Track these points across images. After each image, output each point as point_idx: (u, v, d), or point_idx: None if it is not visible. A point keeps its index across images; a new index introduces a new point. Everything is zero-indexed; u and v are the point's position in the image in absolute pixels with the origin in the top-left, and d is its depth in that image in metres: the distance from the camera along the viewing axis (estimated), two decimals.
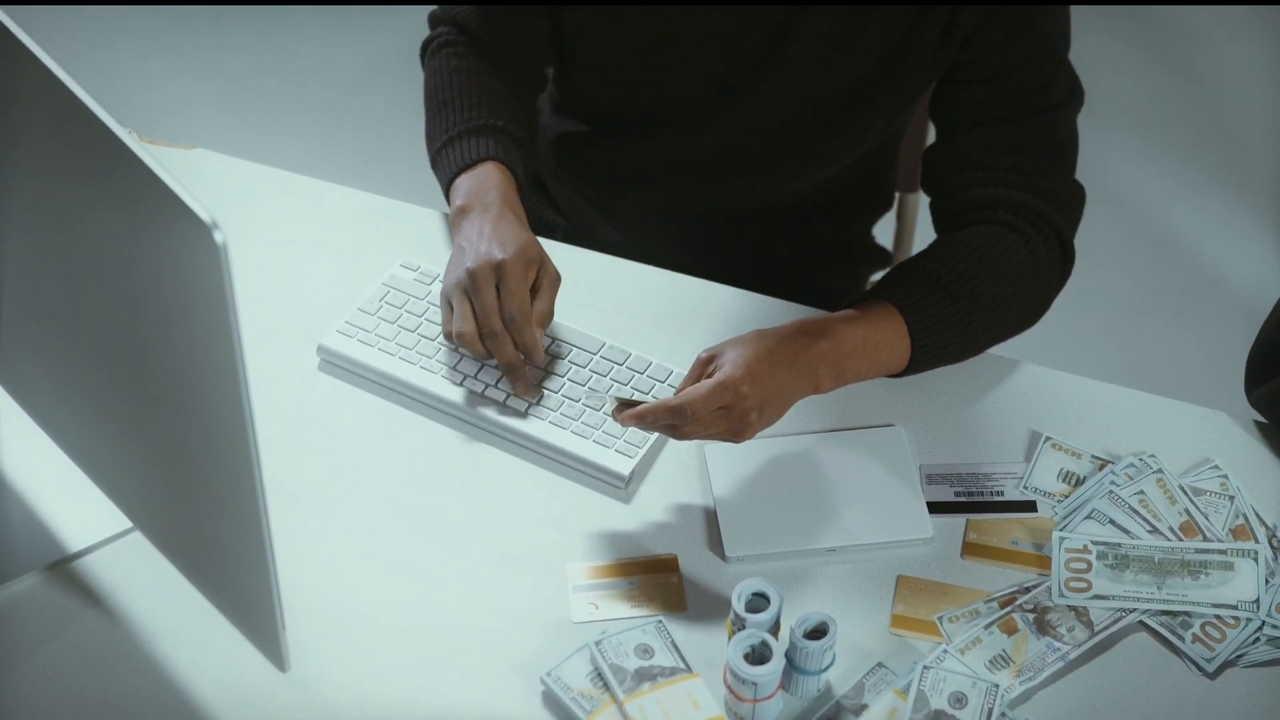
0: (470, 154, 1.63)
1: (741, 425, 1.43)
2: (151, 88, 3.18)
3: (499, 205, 1.58)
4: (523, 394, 1.54)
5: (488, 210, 1.58)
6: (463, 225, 1.58)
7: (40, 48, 1.10)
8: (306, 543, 1.46)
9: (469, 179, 1.62)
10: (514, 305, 1.52)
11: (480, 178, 1.61)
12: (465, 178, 1.62)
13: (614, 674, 1.36)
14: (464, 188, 1.61)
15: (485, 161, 1.63)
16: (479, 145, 1.64)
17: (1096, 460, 1.53)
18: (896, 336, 1.53)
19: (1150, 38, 3.35)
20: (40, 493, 1.49)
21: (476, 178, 1.61)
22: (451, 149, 1.64)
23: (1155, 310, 2.91)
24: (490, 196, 1.59)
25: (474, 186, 1.60)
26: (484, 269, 1.52)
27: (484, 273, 1.52)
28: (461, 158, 1.63)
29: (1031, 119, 1.61)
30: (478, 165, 1.62)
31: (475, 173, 1.62)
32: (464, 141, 1.64)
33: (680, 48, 1.67)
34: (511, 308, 1.52)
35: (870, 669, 1.39)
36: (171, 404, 1.18)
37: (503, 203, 1.59)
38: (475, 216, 1.57)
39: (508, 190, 1.61)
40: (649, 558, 1.47)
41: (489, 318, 1.51)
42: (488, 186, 1.60)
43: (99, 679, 1.37)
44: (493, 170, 1.62)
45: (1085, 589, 1.43)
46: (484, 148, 1.63)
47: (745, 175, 1.77)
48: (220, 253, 1.02)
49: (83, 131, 1.09)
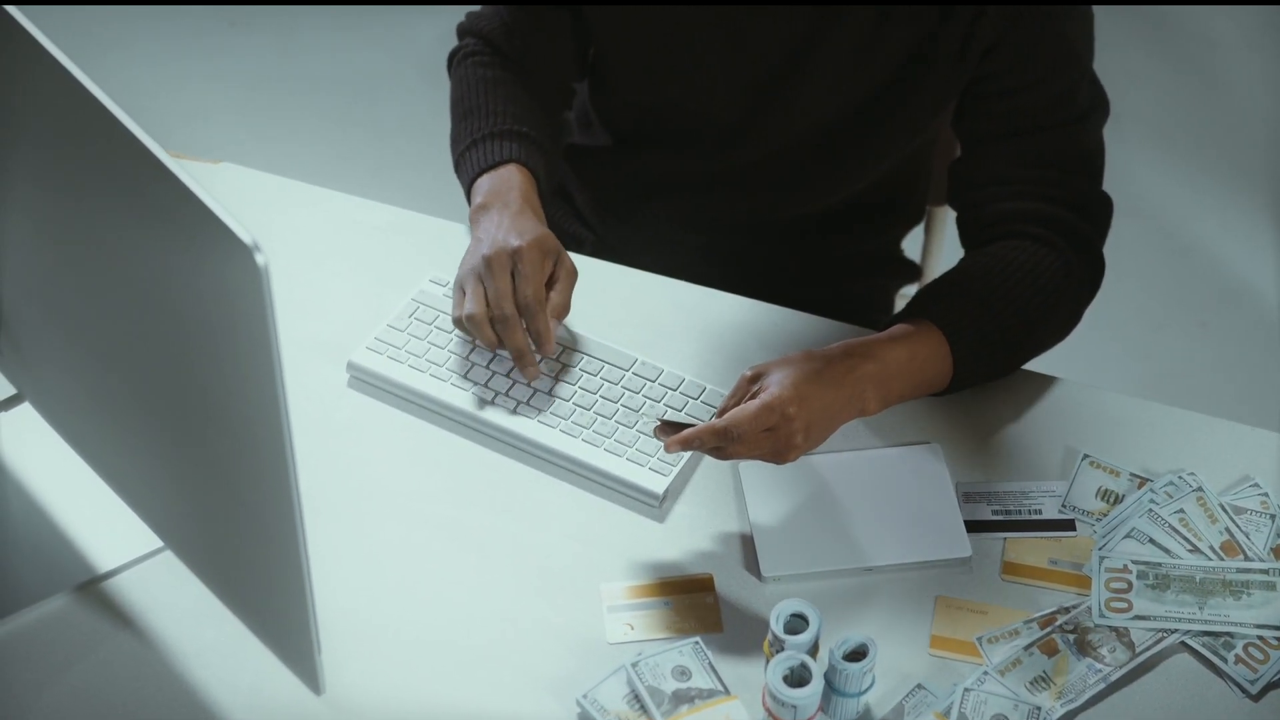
0: (492, 156, 1.64)
1: (787, 447, 1.42)
2: (165, 95, 3.16)
3: (519, 202, 1.59)
4: (533, 378, 1.54)
5: (507, 207, 1.58)
6: (481, 220, 1.58)
7: (77, 66, 1.09)
8: (336, 561, 1.45)
9: (490, 179, 1.62)
10: (529, 290, 1.51)
11: (501, 178, 1.62)
12: (486, 178, 1.63)
13: (651, 696, 1.34)
14: (485, 187, 1.62)
15: (507, 164, 1.64)
16: (501, 148, 1.64)
17: (1135, 478, 1.52)
18: (939, 356, 1.52)
19: (1169, 45, 3.33)
20: (70, 512, 1.47)
21: (497, 178, 1.62)
22: (474, 152, 1.65)
23: (1178, 322, 2.89)
24: (511, 195, 1.60)
25: (495, 186, 1.61)
26: (500, 255, 1.52)
27: (500, 259, 1.52)
28: (483, 159, 1.64)
29: (1057, 130, 1.59)
30: (499, 167, 1.63)
31: (496, 174, 1.63)
32: (487, 144, 1.65)
33: (709, 62, 1.66)
34: (526, 293, 1.51)
35: (910, 690, 1.37)
36: (208, 423, 1.16)
37: (523, 200, 1.59)
38: (494, 212, 1.58)
39: (528, 190, 1.61)
40: (684, 578, 1.45)
41: (501, 302, 1.51)
42: (509, 186, 1.61)
43: (129, 700, 1.36)
44: (514, 171, 1.63)
45: (1126, 609, 1.41)
46: (506, 150, 1.64)
47: (773, 188, 1.76)
48: (262, 274, 1.01)
49: (120, 151, 1.08)
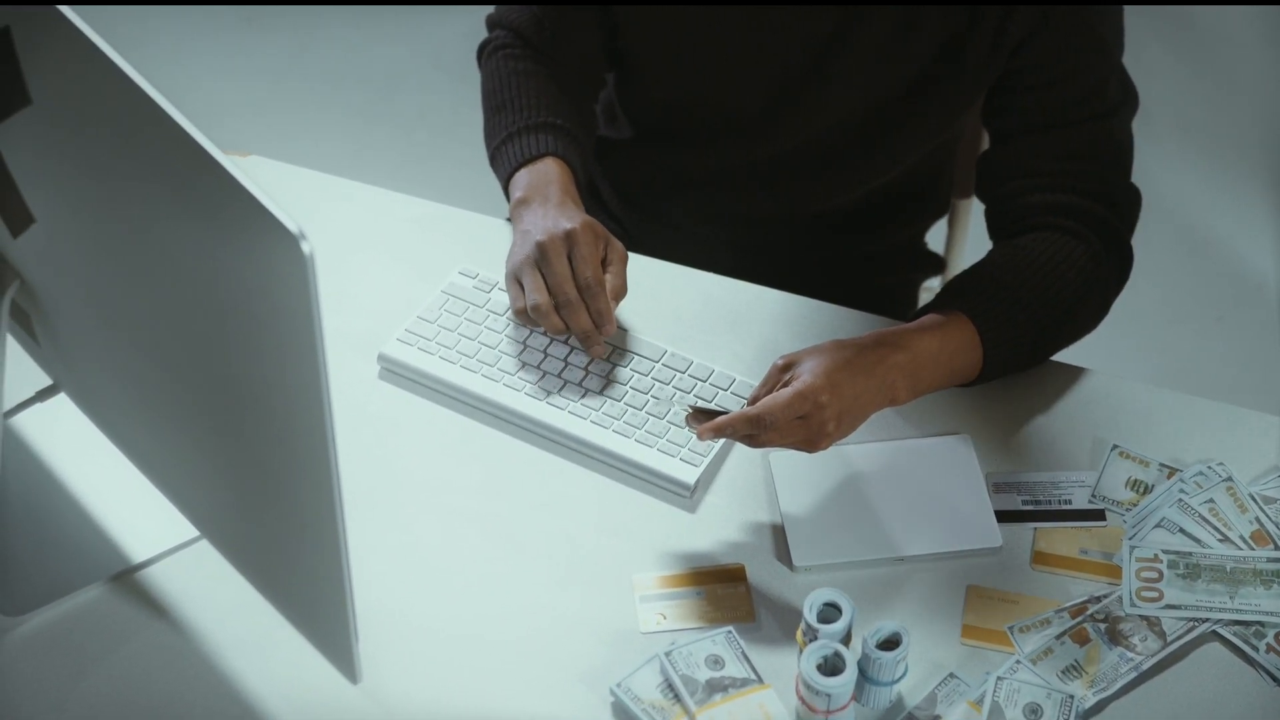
0: (529, 150, 1.64)
1: (819, 435, 1.43)
2: (187, 90, 3.17)
3: (559, 194, 1.59)
4: (599, 356, 1.55)
5: (548, 200, 1.58)
6: (524, 214, 1.58)
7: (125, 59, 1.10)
8: (369, 552, 1.46)
9: (528, 173, 1.62)
10: (588, 271, 1.52)
11: (540, 172, 1.62)
12: (524, 172, 1.63)
13: (685, 685, 1.35)
14: (523, 181, 1.62)
15: (544, 157, 1.64)
16: (538, 141, 1.64)
17: (1165, 468, 1.52)
18: (969, 346, 1.52)
19: (1187, 41, 3.33)
20: (106, 503, 1.48)
21: (536, 172, 1.62)
22: (510, 145, 1.65)
23: (1195, 316, 2.90)
24: (551, 189, 1.60)
25: (534, 180, 1.61)
26: (554, 240, 1.52)
27: (554, 244, 1.52)
28: (520, 153, 1.64)
29: (1087, 124, 1.60)
30: (537, 160, 1.63)
31: (534, 167, 1.63)
32: (523, 138, 1.65)
33: (737, 57, 1.67)
34: (586, 274, 1.52)
35: (942, 679, 1.38)
36: (250, 413, 1.17)
37: (563, 192, 1.60)
38: (536, 205, 1.58)
39: (567, 183, 1.61)
40: (716, 568, 1.46)
41: (563, 286, 1.51)
42: (548, 180, 1.61)
43: (165, 689, 1.37)
44: (552, 165, 1.63)
45: (1157, 599, 1.42)
46: (543, 144, 1.64)
47: (800, 182, 1.76)
48: (307, 263, 1.02)
49: (164, 141, 1.08)
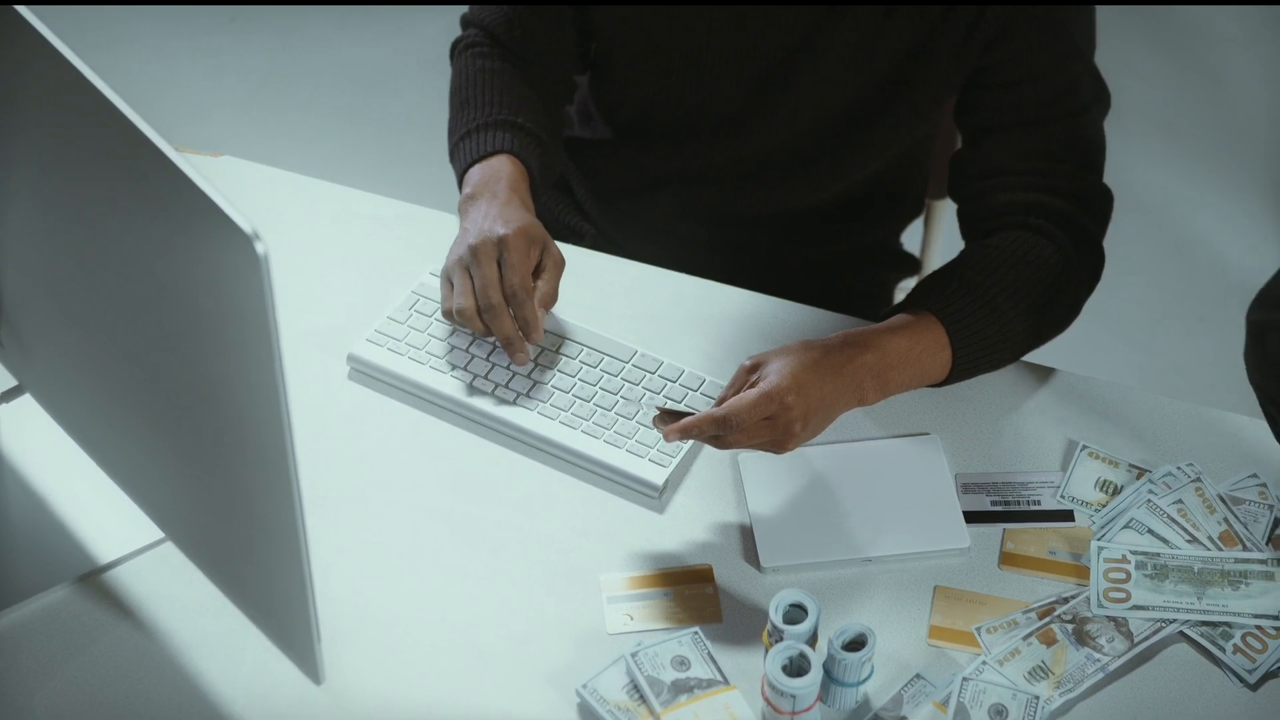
0: (485, 146, 1.64)
1: (786, 436, 1.42)
2: (167, 90, 3.17)
3: (506, 193, 1.59)
4: (522, 364, 1.54)
5: (495, 197, 1.59)
6: (469, 210, 1.59)
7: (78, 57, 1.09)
8: (336, 552, 1.45)
9: (481, 169, 1.63)
10: (515, 279, 1.52)
11: (491, 168, 1.62)
12: (477, 168, 1.63)
13: (650, 686, 1.34)
14: (474, 177, 1.62)
15: (499, 154, 1.64)
16: (494, 139, 1.65)
17: (1134, 469, 1.52)
18: (938, 346, 1.52)
19: (1170, 40, 3.34)
20: (71, 504, 1.48)
21: (488, 168, 1.63)
22: (468, 141, 1.66)
23: (1179, 315, 2.90)
24: (499, 186, 1.60)
25: (484, 176, 1.62)
26: (485, 244, 1.53)
27: (485, 248, 1.53)
28: (476, 150, 1.64)
29: (1058, 123, 1.60)
30: (491, 157, 1.64)
31: (487, 164, 1.63)
32: (480, 135, 1.65)
33: (711, 56, 1.67)
34: (513, 281, 1.52)
35: (908, 680, 1.38)
36: (208, 414, 1.17)
37: (510, 190, 1.60)
38: (482, 202, 1.58)
39: (517, 181, 1.62)
40: (684, 569, 1.45)
41: (488, 291, 1.52)
42: (498, 176, 1.61)
43: (130, 691, 1.36)
44: (505, 162, 1.63)
45: (1124, 599, 1.41)
46: (499, 141, 1.64)
47: (774, 181, 1.76)
48: (261, 263, 1.02)
49: (121, 141, 1.08)
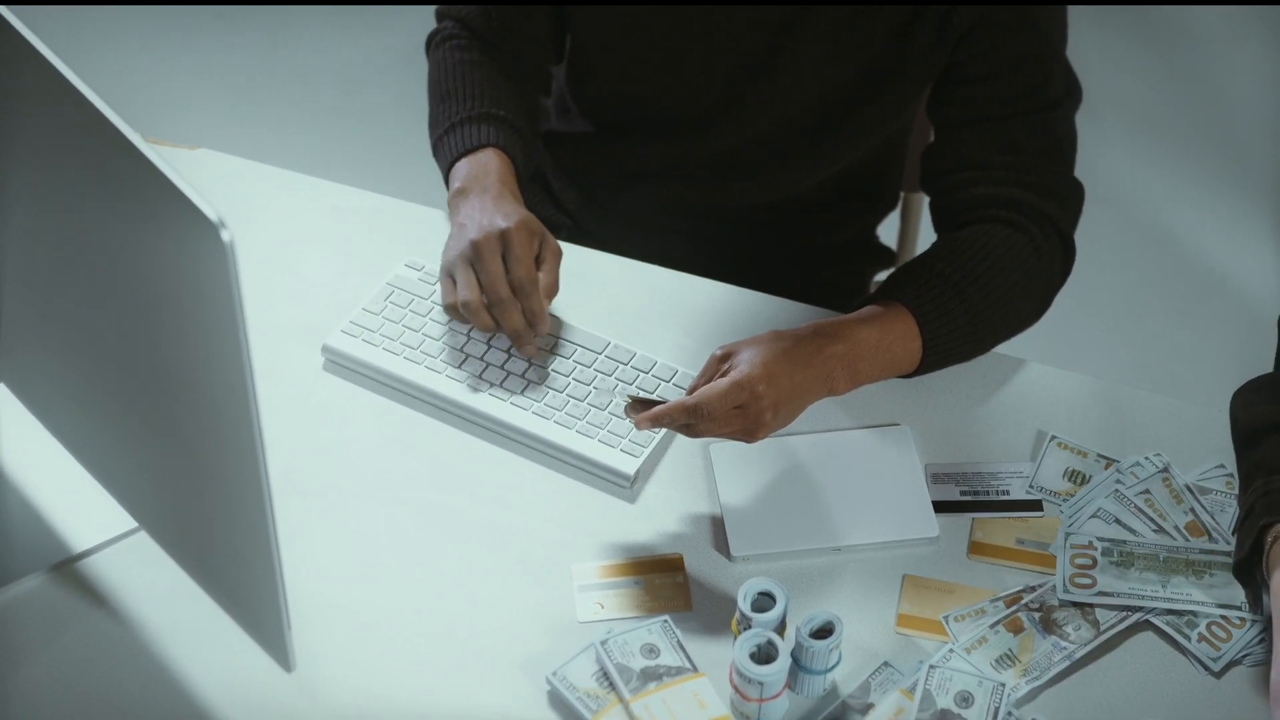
0: (470, 140, 1.65)
1: (756, 425, 1.43)
2: (154, 86, 3.17)
3: (497, 186, 1.60)
4: (531, 355, 1.55)
5: (486, 191, 1.59)
6: (461, 205, 1.59)
7: (46, 46, 1.10)
8: (311, 543, 1.46)
9: (468, 163, 1.63)
10: (521, 271, 1.52)
11: (479, 162, 1.63)
12: (464, 162, 1.64)
13: (620, 674, 1.35)
14: (463, 171, 1.63)
15: (485, 148, 1.64)
16: (479, 132, 1.65)
17: (1102, 459, 1.53)
18: (908, 337, 1.53)
19: (1150, 36, 3.35)
20: (44, 493, 1.48)
21: (475, 162, 1.63)
22: (452, 135, 1.66)
23: (1158, 310, 2.91)
24: (489, 179, 1.61)
25: (473, 170, 1.62)
26: (488, 239, 1.53)
27: (489, 242, 1.53)
28: (461, 143, 1.65)
29: (1030, 117, 1.61)
30: (477, 151, 1.64)
31: (474, 158, 1.63)
32: (465, 128, 1.66)
33: (687, 49, 1.67)
34: (519, 273, 1.52)
35: (876, 668, 1.39)
36: (177, 403, 1.17)
37: (501, 184, 1.60)
38: (474, 197, 1.59)
39: (506, 174, 1.62)
40: (654, 557, 1.46)
41: (496, 285, 1.52)
42: (487, 170, 1.62)
43: (103, 680, 1.37)
44: (492, 156, 1.64)
45: (1090, 585, 1.43)
46: (484, 134, 1.65)
47: (750, 174, 1.77)
48: (227, 251, 1.02)
49: (89, 130, 1.09)
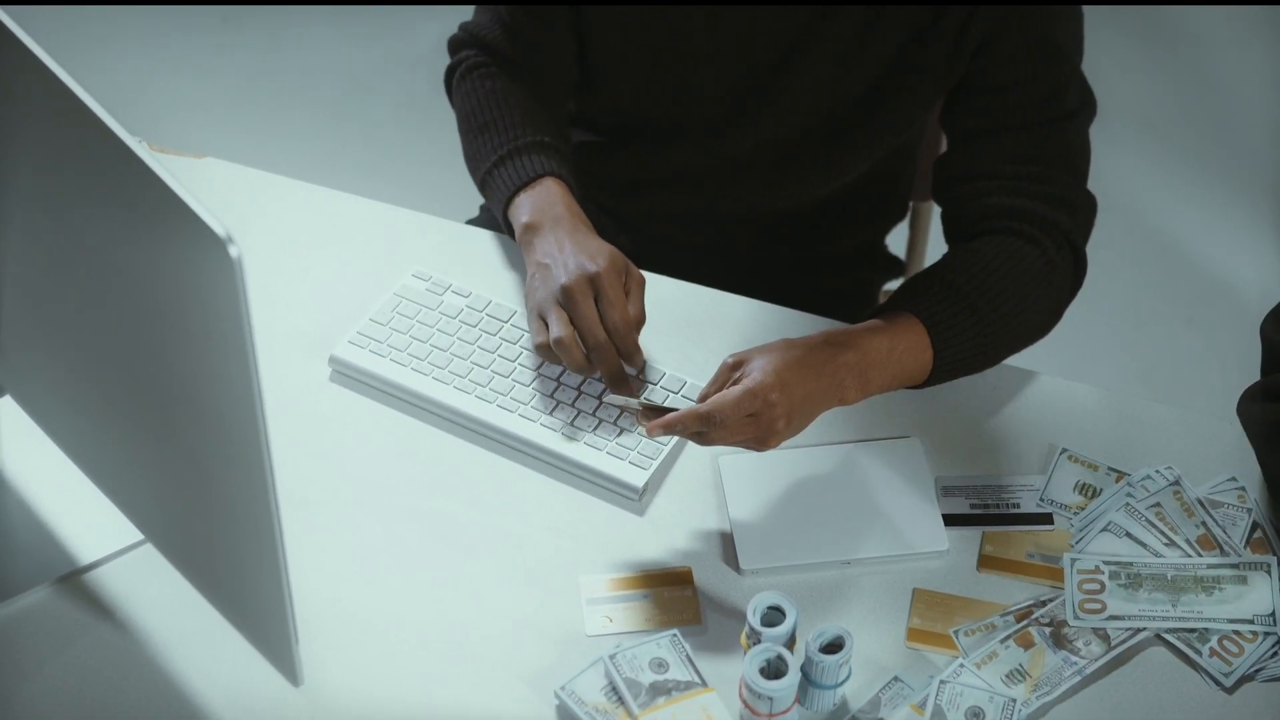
0: (526, 172, 1.62)
1: (768, 433, 1.43)
2: (156, 88, 3.17)
3: (570, 219, 1.58)
4: (628, 394, 1.53)
5: (559, 224, 1.57)
6: (535, 242, 1.57)
7: (46, 53, 1.10)
8: (317, 554, 1.46)
9: (529, 196, 1.61)
10: (616, 315, 1.51)
11: (542, 194, 1.61)
12: (525, 195, 1.61)
13: (629, 688, 1.35)
14: (526, 205, 1.60)
15: (543, 178, 1.62)
16: (533, 163, 1.63)
17: (1113, 472, 1.52)
18: (919, 348, 1.52)
19: (1157, 41, 3.34)
20: (51, 505, 1.48)
21: (538, 194, 1.61)
22: (504, 168, 1.63)
23: (1165, 317, 2.90)
24: (558, 210, 1.59)
25: (537, 203, 1.60)
26: (579, 283, 1.51)
27: (580, 286, 1.51)
28: (517, 176, 1.62)
29: (1044, 128, 1.60)
30: (535, 183, 1.62)
31: (535, 190, 1.61)
32: (517, 160, 1.63)
33: (700, 58, 1.67)
34: (614, 318, 1.51)
35: (886, 683, 1.38)
36: (185, 416, 1.17)
37: (572, 215, 1.58)
38: (548, 231, 1.57)
39: (572, 203, 1.61)
40: (663, 570, 1.46)
41: (593, 330, 1.51)
42: (552, 201, 1.60)
43: (110, 692, 1.36)
44: (552, 185, 1.62)
45: (1100, 610, 1.42)
46: (539, 164, 1.63)
47: (760, 183, 1.77)
48: (235, 267, 1.02)
49: (96, 144, 1.09)
